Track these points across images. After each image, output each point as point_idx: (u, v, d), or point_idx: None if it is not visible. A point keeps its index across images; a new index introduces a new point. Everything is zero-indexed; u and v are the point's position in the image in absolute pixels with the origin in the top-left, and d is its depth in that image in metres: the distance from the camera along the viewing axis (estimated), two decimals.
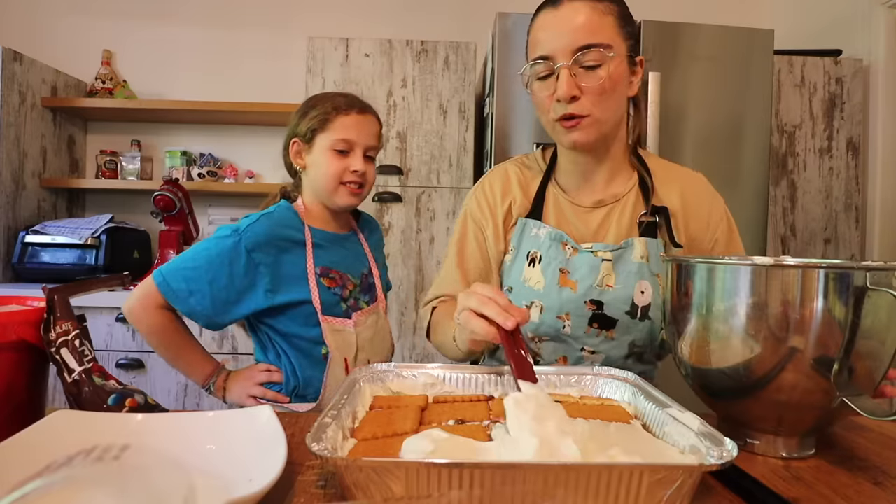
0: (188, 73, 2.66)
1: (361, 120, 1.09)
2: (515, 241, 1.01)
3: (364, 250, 1.19)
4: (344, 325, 1.08)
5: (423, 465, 0.45)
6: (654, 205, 0.97)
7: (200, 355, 1.10)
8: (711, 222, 0.99)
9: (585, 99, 0.89)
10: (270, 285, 1.03)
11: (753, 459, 0.66)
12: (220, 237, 1.03)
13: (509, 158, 1.13)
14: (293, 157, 1.12)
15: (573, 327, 0.95)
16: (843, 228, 2.28)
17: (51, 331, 0.66)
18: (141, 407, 0.69)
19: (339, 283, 1.10)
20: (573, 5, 0.89)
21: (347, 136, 1.07)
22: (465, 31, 2.54)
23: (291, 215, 1.10)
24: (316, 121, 1.08)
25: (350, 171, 1.08)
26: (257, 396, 1.06)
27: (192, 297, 1.00)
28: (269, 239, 1.04)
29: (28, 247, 2.20)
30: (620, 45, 0.90)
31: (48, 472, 0.40)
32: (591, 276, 0.94)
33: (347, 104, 1.09)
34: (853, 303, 0.59)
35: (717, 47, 1.93)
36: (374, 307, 1.15)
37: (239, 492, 0.49)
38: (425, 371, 0.75)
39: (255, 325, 1.10)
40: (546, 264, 0.96)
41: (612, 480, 0.45)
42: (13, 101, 2.21)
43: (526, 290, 0.98)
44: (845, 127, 2.27)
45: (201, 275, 1.00)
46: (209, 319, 1.02)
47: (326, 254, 1.10)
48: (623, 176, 1.01)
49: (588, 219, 0.99)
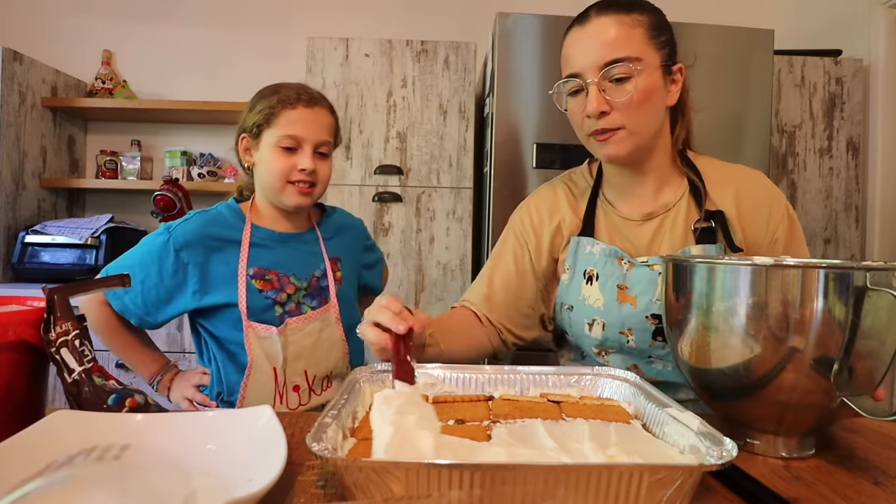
0: (188, 73, 2.66)
1: (309, 114, 1.02)
2: (570, 261, 1.00)
3: (320, 251, 1.11)
4: (269, 332, 1.00)
5: (423, 465, 0.45)
6: (708, 209, 0.95)
7: (147, 352, 1.09)
8: (771, 222, 0.95)
9: (616, 112, 0.88)
10: (198, 286, 1.00)
11: (753, 459, 0.66)
12: (155, 234, 1.02)
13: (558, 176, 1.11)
14: (242, 153, 1.07)
15: (637, 341, 0.94)
16: (843, 228, 2.28)
17: (51, 331, 0.66)
18: (141, 407, 0.69)
19: (275, 286, 1.04)
20: (600, 20, 0.89)
21: (293, 132, 1.00)
22: (465, 31, 2.54)
23: (230, 213, 1.06)
24: (261, 115, 1.01)
25: (297, 169, 1.01)
26: (190, 398, 1.05)
27: (126, 295, 0.99)
28: (199, 238, 1.01)
29: (28, 247, 2.20)
30: (652, 57, 0.89)
31: (49, 472, 0.40)
32: (650, 291, 0.92)
33: (294, 97, 1.01)
34: (853, 303, 0.59)
35: (717, 47, 1.93)
36: (321, 313, 1.07)
37: (239, 492, 0.49)
38: (425, 371, 0.75)
39: (194, 326, 1.07)
40: (603, 282, 0.95)
41: (612, 480, 0.45)
42: (13, 101, 2.21)
43: (586, 308, 0.96)
44: (845, 127, 2.27)
45: (135, 272, 0.98)
46: (141, 318, 1.01)
47: (266, 254, 1.05)
48: (672, 185, 0.99)
49: (639, 232, 0.98)
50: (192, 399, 1.05)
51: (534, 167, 1.90)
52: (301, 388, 1.05)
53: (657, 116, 0.92)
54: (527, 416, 0.62)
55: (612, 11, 0.89)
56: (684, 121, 1.00)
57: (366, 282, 1.25)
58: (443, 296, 2.18)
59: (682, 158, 1.00)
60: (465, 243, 2.19)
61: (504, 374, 0.75)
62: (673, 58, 0.93)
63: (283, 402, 1.03)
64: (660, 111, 0.92)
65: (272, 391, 1.02)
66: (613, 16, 0.89)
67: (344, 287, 1.14)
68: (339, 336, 1.10)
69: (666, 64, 0.91)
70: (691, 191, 0.98)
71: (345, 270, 1.15)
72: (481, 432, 0.57)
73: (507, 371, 0.75)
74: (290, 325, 1.03)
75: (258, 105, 1.03)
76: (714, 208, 0.95)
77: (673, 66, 0.92)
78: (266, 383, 1.02)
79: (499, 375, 0.75)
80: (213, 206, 1.09)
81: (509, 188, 1.92)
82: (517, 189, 1.90)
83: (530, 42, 1.90)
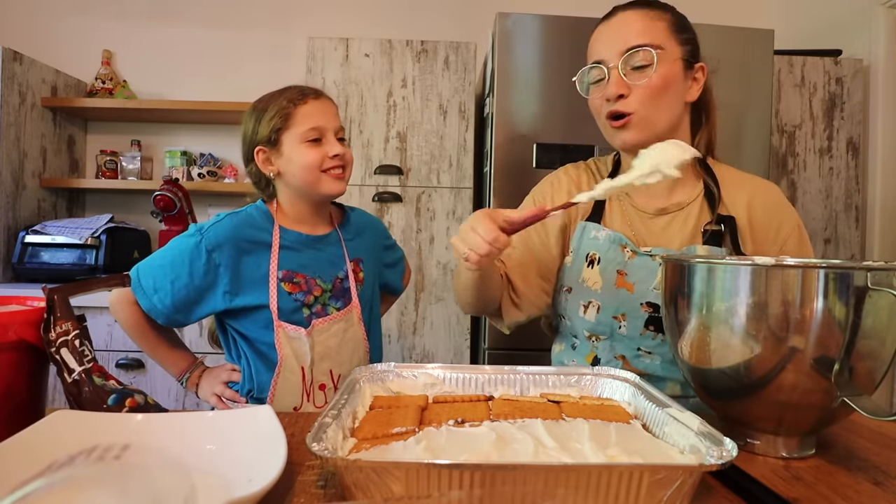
0: (188, 73, 2.66)
1: (320, 105, 1.05)
2: (575, 243, 1.02)
3: (343, 253, 1.13)
4: (298, 333, 1.03)
5: (423, 465, 0.45)
6: (720, 213, 0.96)
7: (176, 350, 1.10)
8: (780, 235, 0.97)
9: (633, 97, 0.91)
10: (229, 287, 1.01)
11: (753, 459, 0.66)
12: (185, 235, 1.03)
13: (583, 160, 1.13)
14: (262, 165, 1.07)
15: (629, 328, 0.95)
16: (843, 228, 2.28)
17: (51, 331, 0.66)
18: (141, 407, 0.69)
19: (303, 289, 1.05)
20: (626, 14, 0.94)
21: (316, 124, 1.03)
22: (465, 31, 2.54)
23: (259, 215, 1.07)
24: (277, 119, 1.03)
25: (329, 156, 1.03)
26: (219, 394, 1.06)
27: (155, 295, 1.00)
28: (231, 239, 1.02)
29: (28, 247, 2.20)
30: (674, 49, 0.92)
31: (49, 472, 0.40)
32: (650, 279, 0.94)
33: (301, 93, 1.05)
34: (854, 303, 0.59)
35: (717, 47, 1.93)
36: (345, 314, 1.09)
37: (239, 492, 0.49)
38: (425, 371, 0.75)
39: (222, 325, 1.09)
40: (604, 266, 0.97)
41: (612, 480, 0.45)
42: (13, 101, 2.21)
43: (584, 290, 0.98)
44: (845, 127, 2.27)
45: (166, 272, 1.00)
46: (169, 318, 1.02)
47: (295, 257, 1.07)
48: (687, 185, 1.00)
49: (651, 224, 1.00)
50: (221, 395, 1.06)
51: (534, 167, 1.90)
52: (327, 387, 1.07)
53: (673, 108, 0.94)
54: (527, 416, 0.62)
55: (637, 7, 0.94)
56: (708, 125, 1.02)
57: (386, 281, 1.26)
58: (443, 296, 2.18)
59: (701, 164, 1.01)
60: None
61: (504, 374, 0.75)
62: (695, 55, 0.96)
63: (311, 399, 1.06)
64: (677, 103, 0.94)
65: (300, 390, 1.04)
66: (638, 10, 0.94)
67: (366, 287, 1.16)
68: (362, 335, 1.12)
69: (687, 59, 0.94)
70: (706, 194, 0.99)
71: (366, 271, 1.16)
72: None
73: (507, 371, 0.75)
74: (316, 327, 1.05)
75: (267, 113, 1.04)
76: (727, 214, 0.97)
77: (695, 64, 0.95)
78: (295, 382, 1.04)
79: (499, 375, 0.75)
80: (243, 207, 1.10)
81: (509, 188, 1.92)
82: (517, 189, 1.90)
83: (530, 42, 1.90)
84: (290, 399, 1.04)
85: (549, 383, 0.75)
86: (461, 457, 0.50)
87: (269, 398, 1.04)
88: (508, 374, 0.75)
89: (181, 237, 1.04)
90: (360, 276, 1.14)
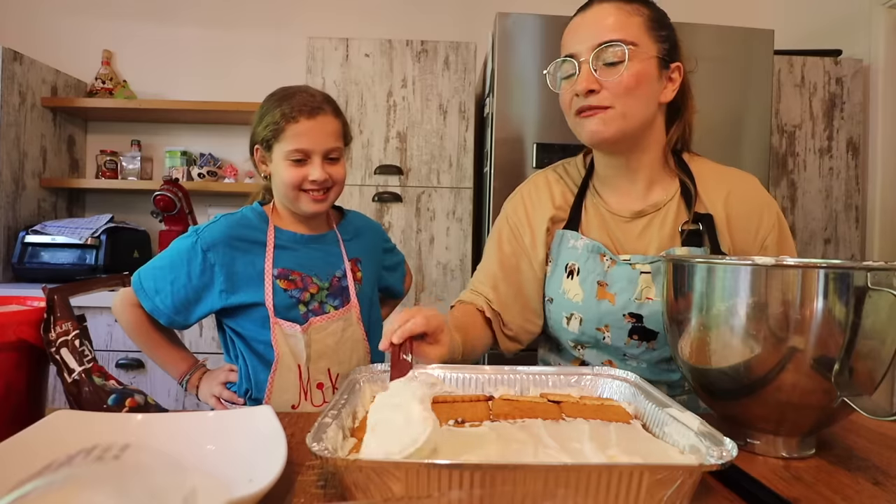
0: (188, 74, 2.66)
1: (313, 125, 1.02)
2: (554, 253, 1.00)
3: (340, 252, 1.14)
4: (294, 330, 1.03)
5: (423, 465, 0.45)
6: (697, 212, 0.94)
7: (177, 352, 1.11)
8: (761, 230, 0.95)
9: (606, 92, 0.88)
10: (225, 285, 1.03)
11: (753, 459, 0.66)
12: (184, 237, 1.05)
13: (550, 165, 1.11)
14: (258, 164, 1.10)
15: (613, 338, 0.94)
16: (843, 228, 2.28)
17: (51, 331, 0.66)
18: (141, 407, 0.69)
19: (298, 286, 1.06)
20: (601, 6, 0.90)
21: (300, 146, 1.02)
22: (465, 31, 2.54)
23: (255, 216, 1.09)
24: (269, 131, 1.04)
25: (308, 180, 1.03)
26: (217, 395, 1.07)
27: (157, 296, 1.02)
28: (225, 239, 1.04)
29: (28, 247, 2.20)
30: (649, 46, 0.88)
31: (48, 472, 0.40)
32: (630, 289, 0.92)
33: (296, 110, 1.02)
34: (854, 303, 0.59)
35: (717, 47, 1.93)
36: (343, 313, 1.09)
37: (239, 492, 0.49)
38: (425, 371, 0.75)
39: (220, 325, 1.10)
40: (584, 277, 0.95)
41: (612, 480, 0.45)
42: (13, 101, 2.21)
43: (565, 301, 0.97)
44: (845, 127, 2.27)
45: (165, 274, 1.03)
46: (171, 318, 1.03)
47: (290, 255, 1.08)
48: (663, 185, 0.98)
49: (628, 229, 0.97)
50: (220, 396, 1.07)
51: (534, 167, 1.90)
52: (325, 386, 1.08)
53: (647, 106, 0.91)
54: (527, 416, 0.62)
55: (614, 0, 0.90)
56: (681, 122, 0.99)
57: (387, 284, 1.27)
58: (443, 296, 2.18)
59: (676, 159, 0.99)
60: (465, 243, 2.19)
61: (504, 374, 0.75)
62: (672, 55, 0.92)
63: (308, 398, 1.06)
64: (650, 102, 0.91)
65: (297, 387, 1.05)
66: (614, 3, 0.89)
67: (364, 287, 1.16)
68: (361, 335, 1.12)
69: (663, 57, 0.90)
70: (682, 192, 0.97)
71: (365, 271, 1.17)
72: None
73: (507, 371, 0.75)
74: (313, 325, 1.05)
75: (265, 119, 1.05)
76: (704, 211, 0.95)
77: (671, 63, 0.92)
78: (291, 380, 1.04)
79: (499, 375, 0.75)
80: (239, 209, 1.11)
81: (509, 188, 1.89)
82: None
83: (530, 42, 1.90)
84: (286, 397, 1.04)
85: (549, 383, 0.75)
86: (461, 457, 0.50)
87: (265, 395, 1.04)
88: (508, 374, 0.75)
89: (180, 239, 1.06)
90: (358, 276, 1.15)
